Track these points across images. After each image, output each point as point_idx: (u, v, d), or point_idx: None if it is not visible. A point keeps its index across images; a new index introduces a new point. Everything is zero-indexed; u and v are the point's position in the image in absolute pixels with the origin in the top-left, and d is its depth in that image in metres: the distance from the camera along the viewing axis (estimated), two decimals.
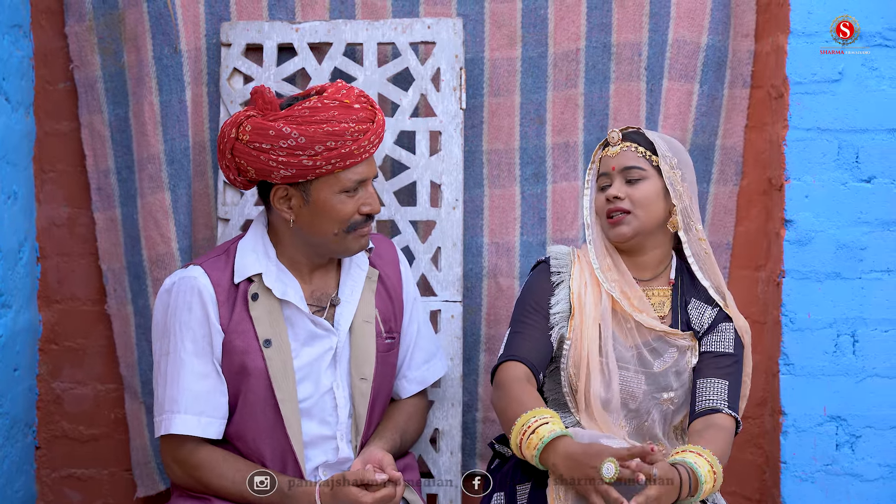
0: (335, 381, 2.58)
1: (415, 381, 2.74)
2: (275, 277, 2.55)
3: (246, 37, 3.01)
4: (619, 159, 2.60)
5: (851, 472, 2.93)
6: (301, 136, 2.42)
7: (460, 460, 2.96)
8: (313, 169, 2.44)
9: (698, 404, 2.56)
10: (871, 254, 2.91)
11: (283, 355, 2.52)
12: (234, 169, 2.52)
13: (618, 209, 2.57)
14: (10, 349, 2.91)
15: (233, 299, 2.54)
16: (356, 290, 2.62)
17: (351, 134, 2.45)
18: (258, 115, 2.47)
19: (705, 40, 3.00)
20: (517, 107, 3.08)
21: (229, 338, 2.53)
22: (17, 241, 2.95)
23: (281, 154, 2.43)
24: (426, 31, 2.97)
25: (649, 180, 2.58)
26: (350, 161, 2.46)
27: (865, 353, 2.92)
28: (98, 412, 3.15)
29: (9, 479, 2.93)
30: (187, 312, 2.51)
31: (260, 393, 2.52)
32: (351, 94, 2.50)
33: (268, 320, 2.53)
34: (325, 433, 2.57)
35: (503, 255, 3.08)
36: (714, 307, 2.64)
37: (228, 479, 2.49)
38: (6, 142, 2.88)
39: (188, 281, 2.53)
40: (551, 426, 2.35)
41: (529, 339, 2.57)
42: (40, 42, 3.07)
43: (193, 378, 2.50)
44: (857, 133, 2.91)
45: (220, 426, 2.53)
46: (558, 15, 3.04)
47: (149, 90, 2.99)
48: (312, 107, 2.45)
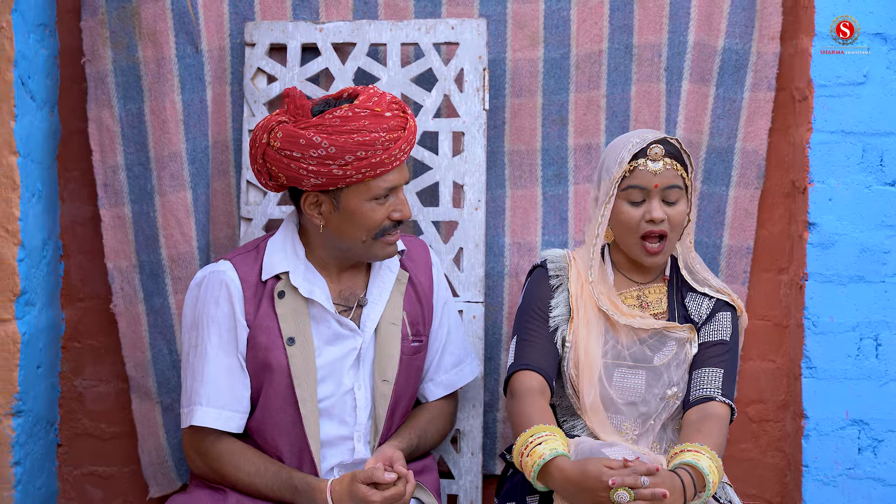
0: (357, 382, 2.58)
1: (442, 385, 2.74)
2: (302, 276, 2.56)
3: (270, 36, 3.02)
4: (661, 177, 2.51)
5: (874, 476, 2.92)
6: (332, 145, 2.42)
7: (481, 461, 2.96)
8: (343, 178, 2.45)
9: (693, 393, 2.54)
10: (895, 257, 2.90)
11: (306, 353, 2.53)
12: (266, 174, 2.53)
13: (660, 232, 2.52)
14: (34, 347, 2.92)
15: (259, 296, 2.55)
16: (384, 291, 2.62)
17: (382, 143, 2.44)
18: (289, 122, 2.47)
19: (721, 44, 3.00)
20: (539, 108, 3.07)
21: (254, 333, 2.54)
22: (40, 239, 2.96)
23: (311, 163, 2.44)
24: (450, 31, 2.97)
25: (683, 200, 2.55)
26: (381, 170, 2.46)
27: (888, 356, 2.91)
28: (120, 410, 3.16)
29: (31, 476, 2.94)
30: (214, 306, 2.54)
31: (281, 390, 2.53)
32: (383, 101, 2.49)
33: (293, 318, 2.54)
34: (343, 433, 2.58)
35: (525, 255, 3.08)
36: (711, 298, 2.62)
37: (244, 471, 2.52)
38: (31, 140, 2.89)
39: (217, 275, 2.56)
40: (545, 447, 2.32)
41: (538, 347, 2.56)
42: (65, 41, 3.08)
43: (217, 371, 2.53)
44: (882, 136, 2.90)
45: (241, 420, 2.55)
46: (580, 16, 3.04)
47: (171, 88, 2.99)
48: (343, 115, 2.44)
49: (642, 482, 2.21)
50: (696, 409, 2.51)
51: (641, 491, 2.21)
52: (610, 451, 2.34)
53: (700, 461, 2.33)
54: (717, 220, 3.08)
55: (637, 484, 2.21)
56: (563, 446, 2.33)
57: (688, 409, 2.54)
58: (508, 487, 2.58)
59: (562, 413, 2.64)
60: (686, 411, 2.54)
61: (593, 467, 2.25)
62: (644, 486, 2.21)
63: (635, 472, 2.23)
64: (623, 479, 2.22)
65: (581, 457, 2.33)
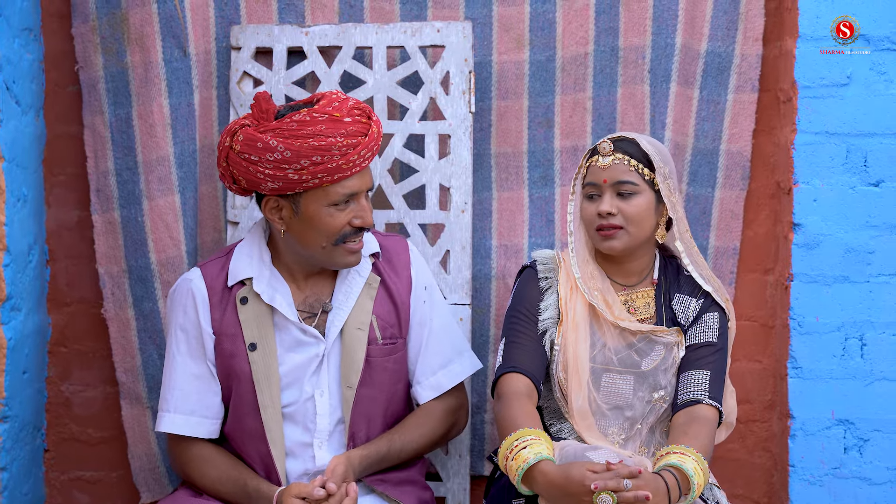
0: (318, 389, 2.57)
1: (429, 387, 2.70)
2: (266, 282, 2.56)
3: (256, 40, 3.02)
4: (610, 172, 2.54)
5: (859, 475, 2.93)
6: (287, 149, 2.40)
7: (468, 462, 2.96)
8: (300, 183, 2.43)
9: (680, 396, 2.54)
10: (880, 257, 2.92)
11: (267, 360, 2.53)
12: (229, 177, 2.53)
13: (610, 225, 2.53)
14: (20, 352, 2.91)
15: (226, 302, 2.57)
16: (351, 296, 2.60)
17: (339, 148, 2.42)
18: (251, 125, 2.47)
19: (705, 46, 3.02)
20: (525, 110, 3.08)
21: (220, 340, 2.56)
22: (26, 244, 2.95)
23: (268, 167, 2.43)
24: (435, 34, 2.98)
25: (641, 195, 2.53)
26: (338, 175, 2.44)
27: (873, 356, 2.92)
28: (107, 415, 3.15)
29: (18, 482, 2.93)
30: (182, 314, 2.58)
31: (246, 396, 2.55)
32: (343, 106, 2.47)
33: (255, 324, 2.54)
34: (306, 440, 2.58)
35: (512, 257, 3.09)
36: (699, 298, 2.62)
37: (209, 477, 2.55)
38: (16, 145, 2.89)
39: (184, 283, 2.60)
40: (529, 451, 2.31)
41: (526, 350, 2.56)
42: (50, 45, 3.08)
43: (185, 378, 2.57)
44: (866, 137, 2.91)
45: (212, 425, 2.58)
46: (566, 19, 3.04)
47: (158, 92, 2.99)
48: (301, 120, 2.43)
49: (625, 485, 2.21)
50: (684, 413, 2.51)
51: (624, 494, 2.21)
52: (594, 454, 2.33)
53: (685, 463, 2.33)
54: (703, 221, 3.09)
55: (620, 487, 2.21)
56: (548, 450, 2.33)
57: (675, 412, 2.54)
58: (495, 490, 2.58)
59: (549, 416, 2.64)
60: (674, 414, 2.54)
61: (576, 471, 2.25)
62: (627, 489, 2.22)
63: (618, 475, 2.22)
64: (606, 482, 2.21)
65: (566, 460, 2.32)
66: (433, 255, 2.98)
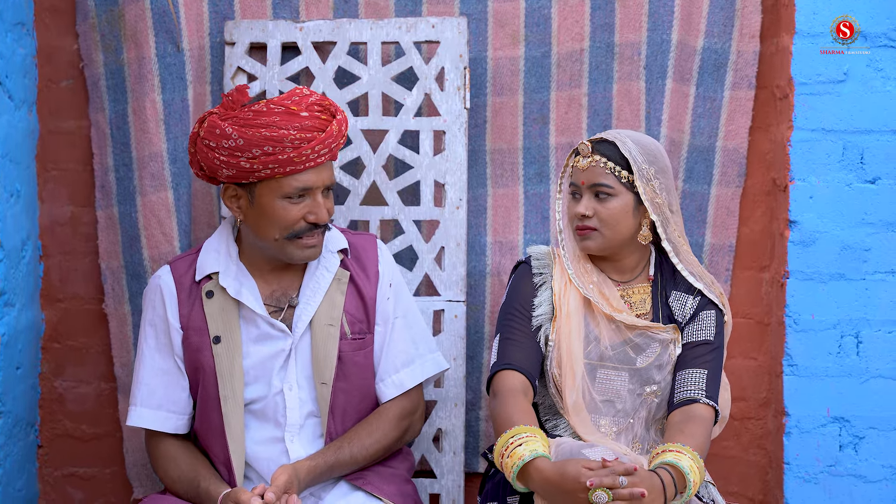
0: (287, 383, 2.57)
1: (392, 385, 2.66)
2: (233, 276, 2.58)
3: (250, 35, 3.01)
4: (588, 174, 2.55)
5: (855, 473, 2.93)
6: (241, 137, 2.44)
7: (463, 460, 2.96)
8: (252, 172, 2.47)
9: (676, 395, 2.54)
10: (876, 255, 2.91)
11: (231, 353, 2.54)
12: (196, 163, 2.58)
13: (585, 226, 2.55)
14: (13, 348, 2.90)
15: (194, 297, 2.59)
16: (318, 291, 2.60)
17: (291, 141, 2.45)
18: (218, 113, 2.51)
19: (701, 43, 3.01)
20: (520, 106, 3.07)
21: (187, 335, 2.59)
22: (19, 239, 2.94)
23: (223, 154, 2.47)
24: (430, 30, 2.97)
25: (618, 198, 2.53)
26: (290, 168, 2.46)
27: (869, 354, 2.92)
28: (100, 411, 3.14)
29: (11, 478, 2.92)
30: (151, 310, 2.62)
31: (210, 390, 2.56)
32: (304, 101, 2.50)
33: (220, 317, 2.56)
34: (277, 435, 2.58)
35: (507, 253, 3.08)
36: (696, 296, 2.61)
37: (170, 476, 2.58)
38: (9, 140, 2.88)
39: (155, 280, 2.64)
40: (524, 448, 2.31)
41: (521, 347, 2.56)
42: (44, 40, 3.07)
43: (152, 373, 2.60)
44: (862, 134, 2.90)
45: (178, 420, 2.60)
46: (562, 15, 3.03)
47: (151, 87, 2.99)
48: (257, 110, 2.47)
49: (620, 482, 2.21)
50: (680, 412, 2.51)
51: (619, 491, 2.21)
52: (590, 451, 2.33)
53: (681, 461, 2.33)
54: (699, 218, 3.08)
55: (615, 484, 2.21)
56: (544, 447, 2.33)
57: (672, 410, 2.54)
58: (490, 487, 2.57)
59: (544, 412, 2.63)
60: (670, 413, 2.54)
61: (572, 468, 2.24)
62: (622, 486, 2.21)
63: (613, 472, 2.22)
64: (601, 479, 2.21)
65: (561, 457, 2.32)
66: (428, 252, 2.97)
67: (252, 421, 2.58)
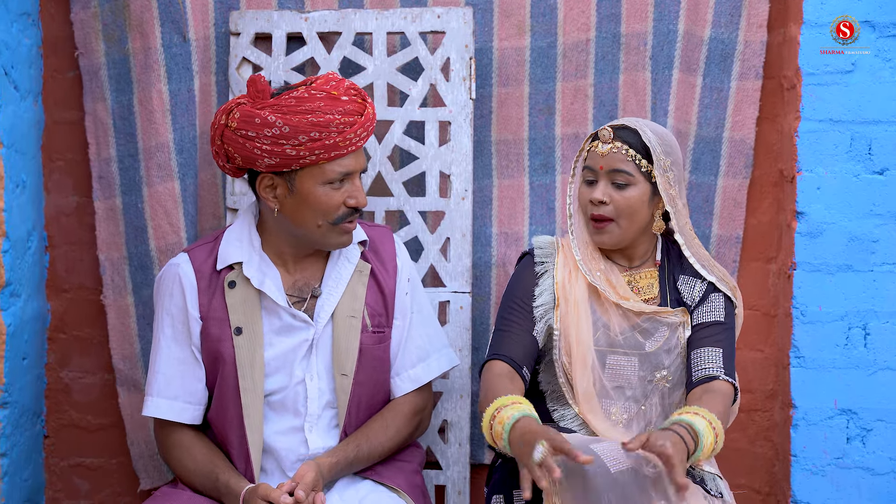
0: (308, 373, 2.57)
1: (407, 380, 2.67)
2: (255, 267, 2.56)
3: (255, 26, 3.00)
4: (607, 160, 2.52)
5: (862, 465, 2.91)
6: (285, 125, 2.42)
7: (468, 451, 2.95)
8: (297, 159, 2.44)
9: (695, 374, 2.52)
10: (883, 246, 2.90)
11: (252, 344, 2.53)
12: (224, 155, 2.54)
13: (601, 216, 2.52)
14: (19, 338, 2.91)
15: (214, 287, 2.57)
16: (340, 282, 2.59)
17: (336, 126, 2.44)
18: (248, 103, 2.48)
19: (708, 33, 3.00)
20: (526, 97, 3.06)
21: (207, 325, 2.56)
22: (25, 230, 2.94)
23: (266, 142, 2.44)
24: (436, 20, 2.96)
25: (636, 186, 2.51)
26: (335, 153, 2.45)
27: (877, 345, 2.90)
28: (106, 401, 3.15)
29: (17, 468, 2.93)
30: (168, 298, 2.58)
31: (230, 381, 2.54)
32: (340, 86, 2.49)
33: (242, 309, 2.54)
34: (296, 424, 2.58)
35: (512, 244, 3.07)
36: (704, 280, 2.60)
37: (184, 467, 2.56)
38: (14, 130, 2.88)
39: (171, 268, 2.60)
40: (510, 410, 2.29)
41: (513, 338, 2.55)
42: (49, 30, 3.07)
43: (169, 363, 2.57)
44: (870, 124, 2.89)
45: (195, 411, 2.58)
46: (567, 5, 3.02)
47: (157, 78, 2.98)
48: (299, 97, 2.45)
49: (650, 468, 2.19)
50: (701, 388, 2.49)
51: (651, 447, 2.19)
52: (597, 446, 2.32)
53: (695, 422, 2.31)
54: (705, 209, 3.07)
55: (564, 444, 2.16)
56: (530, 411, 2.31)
57: (691, 389, 2.52)
58: (497, 479, 2.57)
59: (552, 401, 2.62)
60: (689, 392, 2.52)
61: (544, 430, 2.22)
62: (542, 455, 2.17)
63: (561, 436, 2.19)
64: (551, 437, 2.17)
65: None
66: (433, 243, 2.96)
67: (269, 412, 2.57)
